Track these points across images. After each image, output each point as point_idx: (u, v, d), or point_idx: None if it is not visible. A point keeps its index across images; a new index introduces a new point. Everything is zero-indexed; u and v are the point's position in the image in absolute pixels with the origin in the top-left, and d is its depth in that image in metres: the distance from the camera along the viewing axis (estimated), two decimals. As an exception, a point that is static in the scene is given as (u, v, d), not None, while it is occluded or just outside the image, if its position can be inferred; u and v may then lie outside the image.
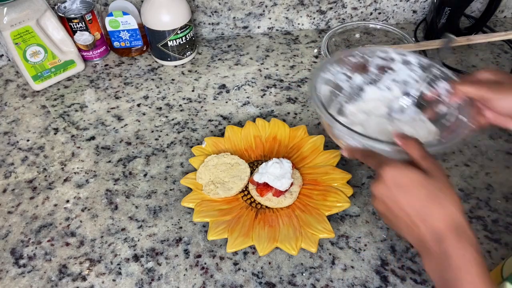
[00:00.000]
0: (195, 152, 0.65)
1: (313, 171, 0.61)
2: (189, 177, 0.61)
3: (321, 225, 0.54)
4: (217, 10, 0.87)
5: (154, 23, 0.77)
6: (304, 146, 0.65)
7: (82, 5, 0.80)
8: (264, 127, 0.68)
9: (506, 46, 0.86)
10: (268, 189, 0.58)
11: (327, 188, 0.58)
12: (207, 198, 0.58)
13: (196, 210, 0.57)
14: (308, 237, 0.53)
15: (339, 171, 0.60)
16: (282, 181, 0.57)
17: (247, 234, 0.54)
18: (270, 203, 0.57)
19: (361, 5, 0.88)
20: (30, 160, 0.66)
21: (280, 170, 0.57)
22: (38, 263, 0.53)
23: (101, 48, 0.83)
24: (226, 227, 0.55)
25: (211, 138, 0.66)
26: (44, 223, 0.58)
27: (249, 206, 0.58)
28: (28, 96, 0.77)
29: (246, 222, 0.55)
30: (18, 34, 0.71)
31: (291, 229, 0.54)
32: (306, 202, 0.58)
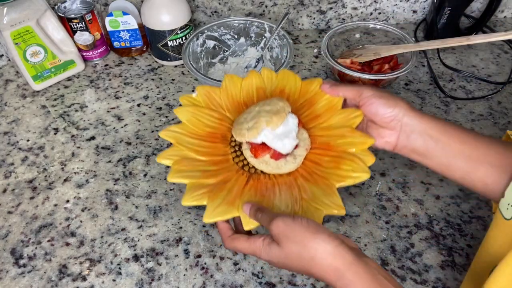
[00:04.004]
0: (183, 101, 0.54)
1: (326, 133, 0.50)
2: (171, 130, 0.50)
3: (328, 198, 0.44)
4: (217, 10, 0.87)
5: (154, 23, 0.77)
6: (318, 103, 0.52)
7: (82, 5, 0.80)
8: (271, 78, 0.57)
9: (506, 46, 0.86)
10: (265, 150, 0.47)
11: (342, 154, 0.47)
12: (190, 155, 0.48)
13: (174, 169, 0.46)
14: (311, 212, 0.43)
15: (359, 134, 0.47)
16: (284, 141, 0.46)
17: (232, 202, 0.44)
18: (267, 167, 0.47)
19: (361, 5, 0.88)
20: (30, 160, 0.66)
21: (283, 128, 0.47)
22: (38, 263, 0.53)
23: (101, 48, 0.83)
24: (208, 192, 0.45)
25: (204, 87, 0.55)
26: (44, 223, 0.58)
27: (240, 170, 0.48)
28: (28, 96, 0.77)
29: (234, 188, 0.46)
30: (18, 34, 0.71)
31: (289, 201, 0.44)
32: (313, 169, 0.47)
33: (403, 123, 0.46)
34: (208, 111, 0.53)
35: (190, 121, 0.51)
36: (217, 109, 0.54)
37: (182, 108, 0.53)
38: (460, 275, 0.52)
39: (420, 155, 0.46)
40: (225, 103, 0.54)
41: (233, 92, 0.55)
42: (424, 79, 0.79)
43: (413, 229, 0.56)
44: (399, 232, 0.56)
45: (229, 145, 0.51)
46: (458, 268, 0.52)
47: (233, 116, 0.53)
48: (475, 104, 0.74)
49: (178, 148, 0.49)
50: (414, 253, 0.54)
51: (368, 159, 0.46)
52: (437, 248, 0.54)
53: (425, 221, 0.57)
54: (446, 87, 0.77)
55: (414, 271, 0.52)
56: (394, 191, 0.61)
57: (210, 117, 0.52)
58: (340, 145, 0.48)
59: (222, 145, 0.50)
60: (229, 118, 0.53)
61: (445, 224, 0.57)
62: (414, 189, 0.61)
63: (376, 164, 0.64)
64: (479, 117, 0.71)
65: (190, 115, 0.52)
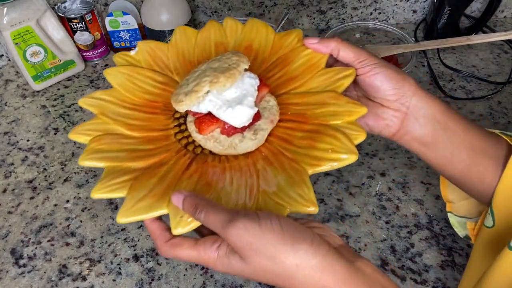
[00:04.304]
0: (117, 60, 0.43)
1: (302, 100, 0.38)
2: (95, 96, 0.39)
3: (296, 189, 0.32)
4: (217, 10, 0.87)
5: (154, 23, 0.77)
6: (294, 61, 0.41)
7: (82, 5, 0.80)
8: (235, 30, 0.45)
9: (506, 46, 0.86)
10: (213, 122, 0.36)
11: (320, 128, 0.35)
12: (117, 130, 0.37)
13: (90, 148, 0.35)
14: (269, 209, 0.31)
15: (345, 100, 0.35)
16: (237, 109, 0.35)
17: (163, 194, 0.32)
18: (216, 145, 0.36)
19: (361, 5, 0.88)
20: (30, 160, 0.66)
21: (236, 91, 0.35)
22: (38, 263, 0.53)
23: (101, 48, 0.83)
24: (131, 180, 0.33)
25: (147, 42, 0.44)
26: (44, 223, 0.58)
27: (182, 149, 0.37)
28: (28, 96, 0.77)
29: (169, 174, 0.34)
30: (18, 34, 0.71)
31: (242, 192, 0.33)
32: (280, 149, 0.35)
33: (411, 104, 0.38)
34: (150, 73, 0.42)
35: (124, 86, 0.40)
36: (163, 70, 0.43)
37: (114, 69, 0.41)
38: (460, 275, 0.51)
39: (424, 144, 0.39)
40: (174, 63, 0.43)
41: (184, 49, 0.44)
42: (424, 79, 0.79)
43: (413, 229, 0.56)
44: (399, 232, 0.56)
45: (172, 117, 0.40)
46: (458, 268, 0.52)
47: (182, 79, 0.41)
48: (475, 104, 0.74)
49: (102, 121, 0.38)
50: (414, 253, 0.54)
51: (356, 135, 0.33)
52: (437, 248, 0.54)
53: (425, 221, 0.57)
54: (446, 87, 0.77)
55: (414, 271, 0.52)
56: (394, 191, 0.61)
57: (152, 81, 0.41)
58: (319, 116, 0.35)
59: (164, 117, 0.39)
60: (176, 82, 0.42)
61: (445, 224, 0.57)
62: (414, 189, 0.61)
63: (376, 164, 0.64)
64: (479, 117, 0.71)
65: (123, 78, 0.40)
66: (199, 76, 0.36)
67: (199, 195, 0.31)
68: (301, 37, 0.42)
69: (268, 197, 0.32)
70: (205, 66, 0.38)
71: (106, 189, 0.33)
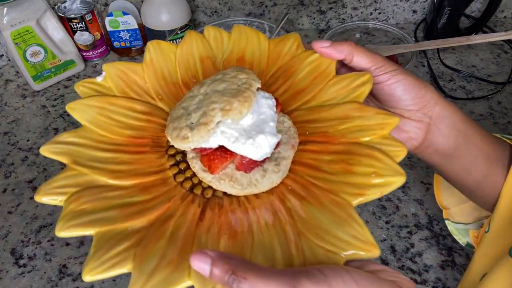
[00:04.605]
0: (80, 90, 0.35)
1: (318, 116, 0.32)
2: (61, 140, 0.32)
3: (345, 228, 0.26)
4: (217, 10, 0.87)
5: (154, 23, 0.77)
6: (299, 71, 0.35)
7: (82, 5, 0.80)
8: (220, 40, 0.38)
9: (506, 46, 0.86)
10: (226, 157, 0.30)
11: (351, 147, 0.29)
12: (98, 181, 0.29)
13: (69, 211, 0.27)
14: (318, 257, 0.25)
15: (372, 111, 0.30)
16: (260, 139, 0.29)
17: (179, 262, 0.25)
18: (233, 186, 0.29)
19: (361, 5, 0.88)
20: (30, 160, 0.66)
21: (253, 117, 0.30)
22: (38, 263, 0.53)
23: (101, 48, 0.83)
24: (132, 248, 0.26)
25: (115, 64, 0.36)
26: (44, 223, 0.57)
27: (189, 194, 0.30)
28: (28, 96, 0.77)
29: (180, 231, 0.27)
30: (18, 34, 0.71)
31: (278, 242, 0.26)
32: (309, 178, 0.29)
33: (434, 114, 0.35)
34: (127, 102, 0.34)
35: (96, 122, 0.32)
36: (142, 97, 0.35)
37: (79, 102, 0.33)
38: (460, 275, 0.51)
39: (446, 156, 0.36)
40: (154, 87, 0.36)
41: (164, 69, 0.37)
42: (424, 79, 0.79)
43: (413, 229, 0.56)
44: (399, 232, 0.56)
45: (166, 154, 0.33)
46: (458, 268, 0.52)
47: (169, 106, 0.35)
48: (475, 104, 0.74)
49: (76, 172, 0.29)
50: (414, 253, 0.54)
51: (396, 152, 0.28)
52: (437, 248, 0.54)
53: (425, 221, 0.57)
54: (446, 87, 0.77)
55: (414, 271, 0.52)
56: (394, 191, 0.61)
57: (131, 112, 0.34)
58: (345, 133, 0.30)
59: (155, 156, 0.32)
60: (162, 110, 0.35)
61: (445, 224, 0.56)
62: (414, 189, 0.61)
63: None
64: (479, 117, 0.71)
65: (94, 112, 0.33)
66: (201, 102, 0.30)
67: (230, 255, 0.23)
68: (300, 42, 0.37)
69: (314, 244, 0.26)
70: (205, 89, 0.31)
71: (103, 267, 0.25)
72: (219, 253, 0.22)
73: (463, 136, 0.36)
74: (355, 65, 0.35)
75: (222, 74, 0.32)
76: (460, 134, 0.35)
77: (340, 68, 0.37)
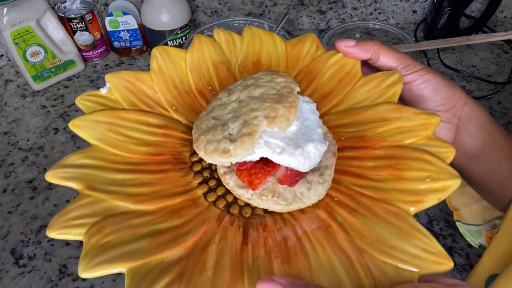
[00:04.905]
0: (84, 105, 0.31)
1: (351, 120, 0.30)
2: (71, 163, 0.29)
3: (411, 241, 0.24)
4: (217, 10, 0.87)
5: (154, 23, 0.77)
6: (323, 73, 0.33)
7: (82, 5, 0.80)
8: (232, 43, 0.36)
9: (506, 46, 0.86)
10: (269, 171, 0.27)
11: (395, 151, 0.27)
12: (119, 207, 0.26)
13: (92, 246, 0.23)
14: (389, 276, 0.23)
15: (411, 111, 0.28)
16: (309, 148, 0.26)
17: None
18: (277, 202, 0.26)
19: (361, 5, 0.88)
20: (30, 160, 0.66)
21: (297, 124, 0.27)
22: (38, 263, 0.53)
23: (101, 48, 0.83)
24: (174, 283, 0.22)
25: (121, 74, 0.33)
26: (44, 223, 0.57)
27: (225, 215, 0.27)
28: (28, 96, 0.77)
29: (224, 258, 0.24)
30: (18, 34, 0.71)
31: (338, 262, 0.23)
32: (355, 188, 0.27)
33: (463, 115, 0.33)
34: (138, 116, 0.31)
35: (107, 140, 0.29)
36: (154, 109, 0.32)
37: (85, 118, 0.29)
38: (460, 275, 0.51)
39: (472, 158, 0.35)
40: (166, 97, 0.33)
41: (174, 77, 0.34)
42: (424, 79, 0.79)
43: (413, 229, 0.56)
44: (399, 232, 0.56)
45: (191, 171, 0.29)
46: (458, 268, 0.52)
47: (186, 118, 0.32)
48: (475, 104, 0.74)
49: (92, 199, 0.26)
50: (414, 253, 0.54)
51: (445, 153, 0.26)
52: (437, 248, 0.54)
53: (425, 221, 0.57)
54: (446, 87, 0.77)
55: (414, 271, 0.52)
56: (394, 191, 0.61)
57: (145, 126, 0.30)
58: (386, 136, 0.28)
59: (179, 174, 0.29)
60: (179, 123, 0.32)
61: (445, 224, 0.56)
62: (414, 189, 0.61)
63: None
64: (479, 117, 0.71)
65: (103, 128, 0.29)
66: (237, 111, 0.27)
67: (302, 281, 0.20)
68: (319, 43, 0.35)
69: (380, 261, 0.23)
70: (237, 95, 0.28)
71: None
72: (290, 279, 0.19)
73: (489, 137, 0.34)
74: (381, 64, 0.33)
75: (252, 79, 0.29)
76: (487, 135, 0.34)
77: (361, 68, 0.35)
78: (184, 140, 0.30)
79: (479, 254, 0.53)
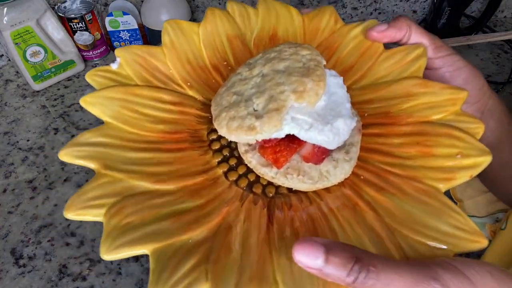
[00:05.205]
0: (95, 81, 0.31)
1: (375, 95, 0.29)
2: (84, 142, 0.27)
3: (444, 219, 0.23)
4: (217, 10, 0.87)
5: (154, 23, 0.77)
6: (343, 46, 0.32)
7: (82, 5, 0.80)
8: (246, 16, 0.35)
9: (506, 46, 0.86)
10: (295, 148, 0.25)
11: (423, 127, 0.26)
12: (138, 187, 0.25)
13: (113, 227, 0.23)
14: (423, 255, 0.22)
15: (438, 86, 0.27)
16: (339, 124, 0.24)
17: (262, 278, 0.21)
18: (303, 180, 0.25)
19: (361, 5, 0.88)
20: (30, 160, 0.66)
21: (325, 99, 0.25)
22: (38, 263, 0.53)
23: (101, 48, 0.83)
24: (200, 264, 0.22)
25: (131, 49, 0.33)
26: (44, 223, 0.57)
27: (248, 194, 0.26)
28: (28, 96, 0.77)
29: (251, 240, 0.23)
30: (18, 34, 0.71)
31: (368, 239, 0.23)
32: (382, 166, 0.26)
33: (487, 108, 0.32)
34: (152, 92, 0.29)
35: (121, 118, 0.28)
36: (167, 86, 0.31)
37: (97, 95, 0.28)
38: (460, 275, 0.51)
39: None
40: (180, 73, 0.31)
41: (188, 52, 0.32)
42: (424, 79, 0.79)
43: (413, 229, 0.56)
44: (399, 232, 0.56)
45: (209, 149, 0.28)
46: (458, 268, 0.52)
47: (201, 94, 0.31)
48: (475, 104, 0.74)
49: (109, 178, 0.25)
50: (414, 253, 0.53)
51: (474, 129, 0.26)
52: (437, 248, 0.54)
53: (425, 221, 0.57)
54: (446, 87, 0.77)
55: (414, 271, 0.52)
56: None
57: (160, 103, 0.29)
58: (412, 112, 0.27)
59: (197, 153, 0.28)
60: (194, 99, 0.31)
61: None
62: (414, 189, 0.61)
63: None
64: (479, 117, 0.71)
65: (116, 105, 0.28)
66: (261, 86, 0.25)
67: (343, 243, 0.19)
68: (338, 16, 0.34)
69: (412, 240, 0.22)
70: (260, 69, 0.26)
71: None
72: (331, 240, 0.18)
73: (506, 131, 0.34)
74: (412, 42, 0.31)
75: (274, 52, 0.27)
76: (504, 128, 0.33)
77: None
78: (200, 117, 0.29)
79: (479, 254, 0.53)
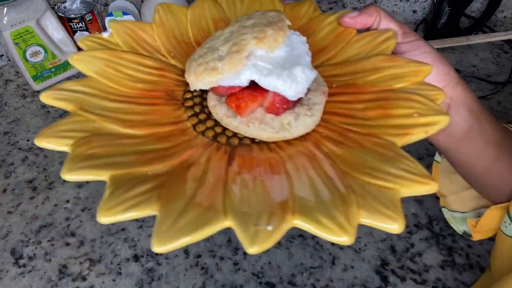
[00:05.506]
0: (87, 45, 0.32)
1: (344, 70, 0.31)
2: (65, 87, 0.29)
3: (396, 165, 0.24)
4: (217, 10, 0.87)
5: (154, 23, 0.77)
6: (318, 31, 0.35)
7: (82, 5, 0.80)
8: (232, 3, 0.38)
9: (506, 46, 0.86)
10: (256, 96, 0.27)
11: (386, 94, 0.28)
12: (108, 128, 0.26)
13: (77, 154, 0.25)
14: (372, 194, 0.23)
15: (403, 61, 0.29)
16: (297, 72, 0.26)
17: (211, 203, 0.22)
18: (264, 129, 0.27)
19: (361, 5, 0.88)
20: (30, 160, 0.66)
21: (286, 51, 0.27)
22: (38, 263, 0.53)
23: (101, 48, 0.83)
24: (156, 189, 0.23)
25: (123, 23, 0.34)
26: (44, 223, 0.58)
27: (213, 143, 0.27)
28: (28, 96, 0.77)
29: (207, 175, 0.24)
30: (18, 34, 0.71)
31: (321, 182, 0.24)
32: (344, 126, 0.28)
33: (456, 95, 0.33)
34: (137, 58, 0.32)
35: (104, 74, 0.30)
36: (152, 54, 0.33)
37: (85, 54, 0.30)
38: (460, 275, 0.52)
39: (459, 140, 0.34)
40: (165, 45, 0.34)
41: (174, 29, 0.35)
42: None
43: (413, 229, 0.56)
44: (399, 232, 0.56)
45: (182, 106, 0.30)
46: (458, 268, 0.52)
47: (183, 64, 0.33)
48: (475, 104, 0.74)
49: (82, 118, 0.27)
50: (414, 253, 0.54)
51: (435, 95, 0.27)
52: (437, 248, 0.54)
53: (425, 221, 0.57)
54: (446, 87, 0.77)
55: (414, 271, 0.52)
56: (394, 191, 0.61)
57: (142, 67, 0.32)
58: (376, 82, 0.29)
59: (171, 108, 0.30)
60: (175, 67, 0.33)
61: (445, 224, 0.57)
62: (414, 189, 0.61)
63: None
64: (479, 117, 0.71)
65: (101, 64, 0.30)
66: (229, 38, 0.27)
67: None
68: (316, 6, 0.38)
69: (363, 181, 0.23)
70: (230, 28, 0.29)
71: (124, 205, 0.21)
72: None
73: (477, 121, 0.34)
74: (382, 28, 0.33)
75: (247, 16, 0.29)
76: (476, 119, 0.34)
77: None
78: (179, 81, 0.32)
79: (479, 254, 0.53)
